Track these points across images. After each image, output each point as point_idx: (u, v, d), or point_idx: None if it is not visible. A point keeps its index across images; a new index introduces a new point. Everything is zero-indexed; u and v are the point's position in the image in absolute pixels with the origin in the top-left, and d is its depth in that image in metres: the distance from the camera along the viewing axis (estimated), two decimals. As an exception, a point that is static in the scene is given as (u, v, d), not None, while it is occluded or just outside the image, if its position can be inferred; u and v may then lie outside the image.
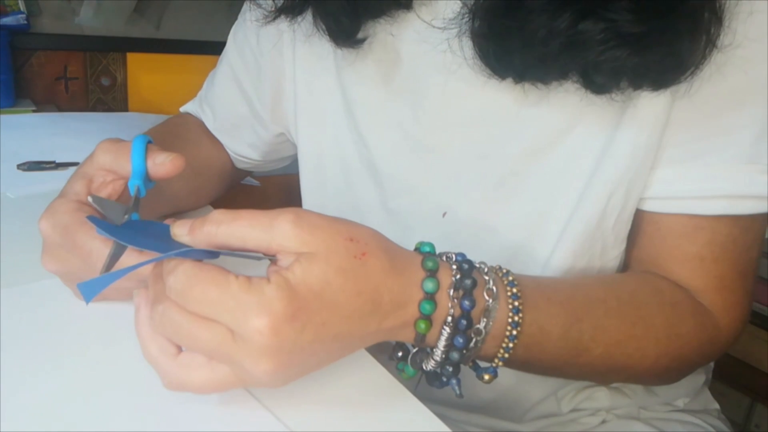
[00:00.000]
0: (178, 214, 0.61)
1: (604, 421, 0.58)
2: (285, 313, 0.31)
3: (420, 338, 0.36)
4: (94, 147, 0.44)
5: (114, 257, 0.37)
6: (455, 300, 0.36)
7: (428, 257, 0.37)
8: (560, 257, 0.49)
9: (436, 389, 0.43)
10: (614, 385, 0.58)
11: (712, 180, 0.45)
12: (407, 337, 0.37)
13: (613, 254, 0.50)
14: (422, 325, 0.35)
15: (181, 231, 0.35)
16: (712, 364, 0.65)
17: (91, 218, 0.38)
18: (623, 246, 0.51)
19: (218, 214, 0.33)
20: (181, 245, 0.34)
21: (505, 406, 0.57)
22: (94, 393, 0.36)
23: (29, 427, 0.33)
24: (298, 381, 0.37)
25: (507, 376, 0.55)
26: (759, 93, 0.44)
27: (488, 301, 0.38)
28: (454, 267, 0.37)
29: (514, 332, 0.38)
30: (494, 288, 0.38)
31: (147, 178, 0.41)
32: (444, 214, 0.54)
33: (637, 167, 0.46)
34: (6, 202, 0.63)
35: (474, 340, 0.37)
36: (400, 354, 0.40)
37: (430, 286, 0.35)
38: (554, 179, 0.49)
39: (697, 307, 0.47)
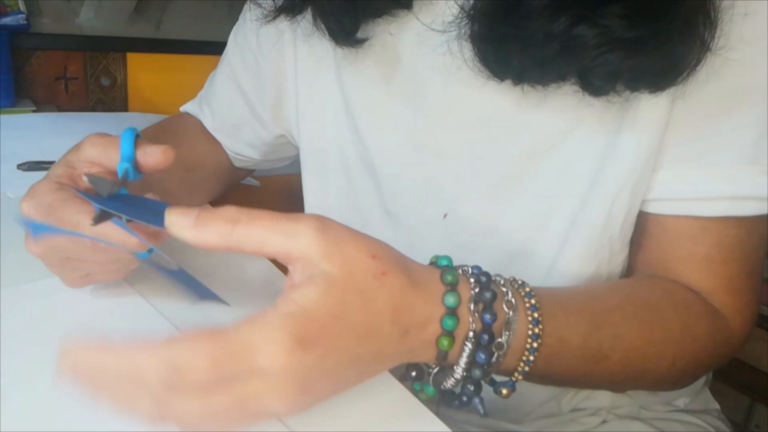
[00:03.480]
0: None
1: (604, 421, 0.58)
2: (297, 338, 0.28)
3: (443, 356, 0.35)
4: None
5: (98, 219, 0.36)
6: (476, 314, 0.35)
7: (447, 271, 0.35)
8: (566, 262, 0.49)
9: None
10: (614, 384, 0.58)
11: (714, 181, 0.45)
12: (429, 356, 0.35)
13: (619, 259, 0.50)
14: (445, 342, 0.34)
15: (182, 222, 0.31)
16: (712, 365, 0.65)
17: (76, 190, 0.39)
18: (627, 250, 0.51)
19: (234, 212, 0.31)
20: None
21: (507, 408, 0.57)
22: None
23: (29, 427, 0.33)
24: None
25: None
26: (758, 94, 0.44)
27: (508, 313, 0.37)
28: (472, 280, 0.36)
29: (535, 345, 0.38)
30: (513, 300, 0.37)
31: (135, 169, 0.41)
32: (445, 216, 0.54)
33: (641, 170, 0.46)
34: (6, 202, 0.63)
35: (495, 354, 0.36)
36: (414, 374, 0.39)
37: (451, 300, 0.34)
38: (555, 181, 0.49)
39: (709, 308, 0.47)
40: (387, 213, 0.57)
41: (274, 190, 0.94)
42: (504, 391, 0.39)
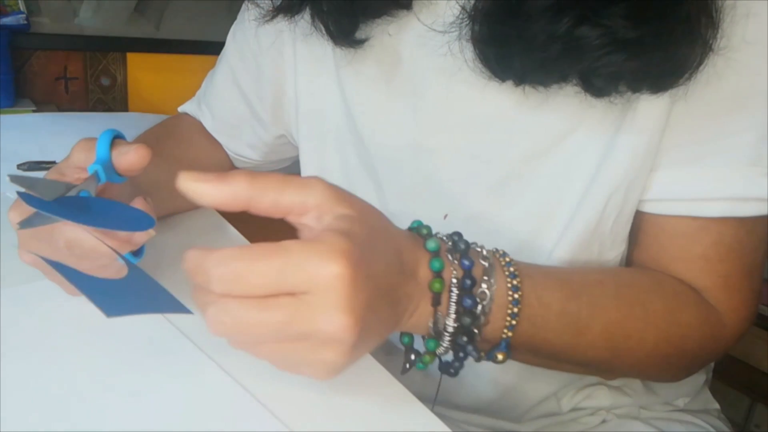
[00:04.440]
0: (178, 214, 0.61)
1: (604, 421, 0.58)
2: (354, 256, 0.30)
3: (436, 301, 0.37)
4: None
5: (27, 222, 0.36)
6: (455, 262, 0.38)
7: (421, 227, 0.39)
8: (557, 258, 0.50)
9: (432, 386, 0.43)
10: (615, 383, 0.58)
11: (714, 182, 0.45)
12: (425, 308, 0.37)
13: (611, 255, 0.51)
14: (437, 285, 0.36)
15: (203, 177, 0.32)
16: (712, 364, 0.65)
17: (19, 193, 0.37)
18: (622, 247, 0.51)
19: (247, 171, 0.33)
20: (115, 222, 0.34)
21: (506, 407, 0.57)
22: (93, 393, 0.36)
23: (29, 427, 0.33)
24: (298, 380, 0.37)
25: (509, 374, 0.55)
26: (760, 96, 0.44)
27: (485, 264, 0.39)
28: (445, 237, 0.39)
29: (516, 296, 0.39)
30: (487, 255, 0.40)
31: (114, 171, 0.41)
32: (445, 217, 0.54)
33: (636, 170, 0.46)
34: (6, 202, 0.63)
35: (480, 305, 0.38)
36: (413, 357, 0.40)
37: (432, 245, 0.37)
38: (555, 182, 0.49)
39: (700, 300, 0.47)
40: (388, 214, 0.56)
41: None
42: (500, 356, 0.40)
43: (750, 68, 0.43)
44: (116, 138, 0.41)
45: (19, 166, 0.75)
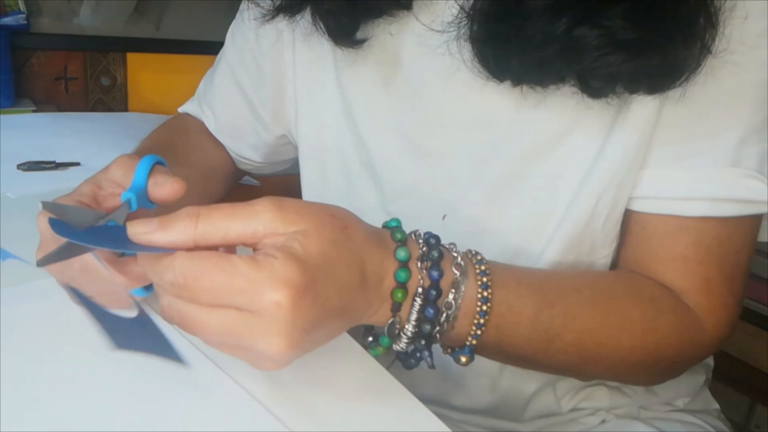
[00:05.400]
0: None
1: (604, 421, 0.58)
2: (300, 284, 0.31)
3: (396, 308, 0.37)
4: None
5: (58, 254, 0.35)
6: (424, 271, 0.37)
7: (396, 230, 0.38)
8: (550, 254, 0.50)
9: (431, 387, 0.42)
10: (614, 384, 0.58)
11: (696, 181, 0.45)
12: (384, 311, 0.37)
13: (602, 253, 0.51)
14: (399, 294, 0.36)
15: (146, 228, 0.33)
16: (712, 364, 0.65)
17: (51, 220, 0.36)
18: (614, 245, 0.51)
19: (193, 208, 0.33)
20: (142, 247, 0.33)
21: (505, 406, 0.57)
22: (93, 392, 0.36)
23: (29, 426, 0.33)
24: (298, 380, 0.38)
25: (506, 377, 0.55)
26: (746, 97, 0.44)
27: (456, 274, 0.39)
28: (421, 241, 0.38)
29: (484, 308, 0.39)
30: (462, 263, 0.39)
31: (147, 198, 0.40)
32: (444, 217, 0.54)
33: (627, 169, 0.46)
34: (6, 202, 0.63)
35: (445, 314, 0.38)
36: (370, 339, 0.41)
37: (402, 254, 0.37)
38: (553, 181, 0.49)
39: (679, 305, 0.47)
40: (387, 214, 0.57)
41: (274, 190, 0.94)
42: (463, 359, 0.40)
43: (745, 70, 0.43)
44: (156, 163, 0.41)
45: (19, 166, 0.76)
